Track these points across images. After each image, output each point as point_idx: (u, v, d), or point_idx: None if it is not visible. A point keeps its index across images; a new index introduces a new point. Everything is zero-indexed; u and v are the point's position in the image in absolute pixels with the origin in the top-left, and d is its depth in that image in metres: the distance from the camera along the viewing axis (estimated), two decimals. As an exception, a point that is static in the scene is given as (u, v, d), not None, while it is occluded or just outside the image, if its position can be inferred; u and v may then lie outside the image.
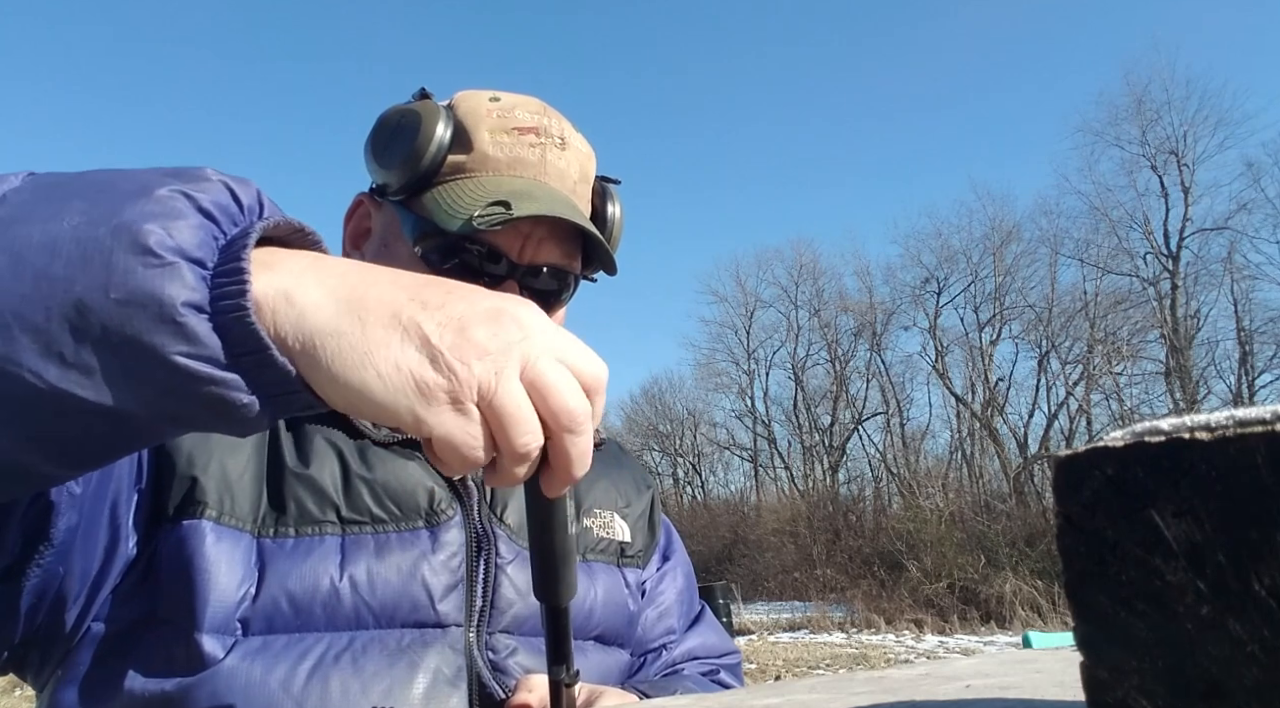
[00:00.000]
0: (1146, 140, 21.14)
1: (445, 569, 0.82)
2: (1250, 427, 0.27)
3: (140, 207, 0.44)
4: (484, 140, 0.88)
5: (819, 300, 26.83)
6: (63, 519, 0.64)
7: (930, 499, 19.62)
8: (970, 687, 0.54)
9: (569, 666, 0.63)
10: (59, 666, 0.73)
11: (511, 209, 0.81)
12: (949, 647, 12.60)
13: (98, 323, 0.42)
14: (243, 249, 0.45)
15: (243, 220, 0.47)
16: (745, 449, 28.54)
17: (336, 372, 0.44)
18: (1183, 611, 0.29)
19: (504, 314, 0.47)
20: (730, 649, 1.11)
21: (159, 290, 0.42)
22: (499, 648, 0.83)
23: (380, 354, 0.44)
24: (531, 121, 0.91)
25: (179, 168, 0.49)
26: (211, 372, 0.43)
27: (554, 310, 0.93)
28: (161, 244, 0.43)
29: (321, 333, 0.44)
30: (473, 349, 0.45)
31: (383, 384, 0.44)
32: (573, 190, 0.92)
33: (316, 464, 0.81)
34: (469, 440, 0.45)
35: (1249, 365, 19.98)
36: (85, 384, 0.42)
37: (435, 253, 0.86)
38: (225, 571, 0.73)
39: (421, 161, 0.87)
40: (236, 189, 0.48)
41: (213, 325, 0.43)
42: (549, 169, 0.90)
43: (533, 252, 0.88)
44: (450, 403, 0.44)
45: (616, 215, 1.02)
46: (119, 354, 0.42)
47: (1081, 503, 0.31)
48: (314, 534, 0.78)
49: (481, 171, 0.88)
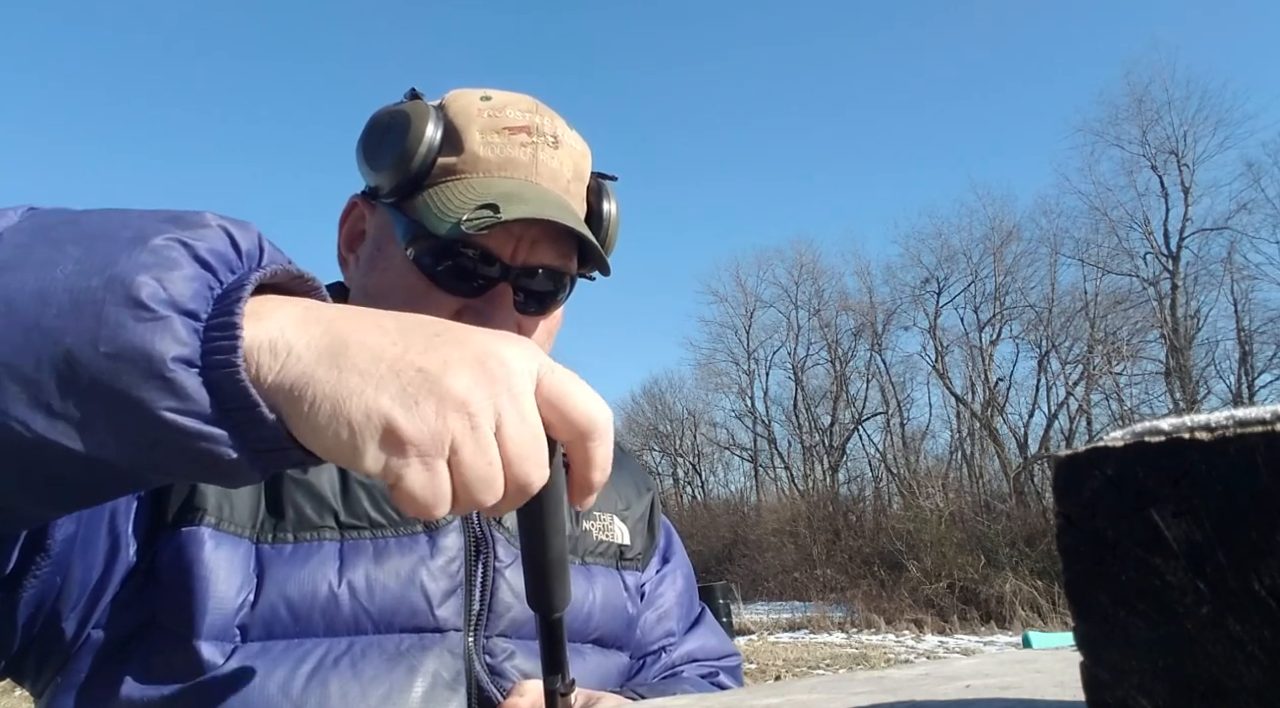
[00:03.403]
0: (1146, 140, 21.16)
1: (444, 574, 0.82)
2: (1250, 427, 0.27)
3: (135, 257, 0.43)
4: (475, 141, 0.87)
5: (819, 300, 26.85)
6: (60, 531, 0.64)
7: (930, 499, 19.62)
8: (970, 687, 0.54)
9: (564, 674, 0.63)
10: (57, 672, 0.73)
11: (500, 212, 0.80)
12: (949, 647, 12.60)
13: (86, 375, 0.41)
14: (236, 302, 0.44)
15: (240, 267, 0.47)
16: (745, 449, 28.57)
17: (313, 421, 0.43)
18: (1183, 611, 0.28)
19: (490, 359, 0.46)
20: (730, 652, 1.11)
21: (149, 345, 0.41)
22: (496, 652, 0.82)
23: (353, 402, 0.43)
24: (523, 120, 0.89)
25: (179, 212, 0.48)
26: (200, 427, 0.42)
27: (549, 311, 0.92)
28: (154, 296, 0.42)
29: (300, 383, 0.44)
30: (450, 399, 0.44)
31: (351, 432, 0.43)
32: (566, 189, 0.91)
33: (314, 469, 0.81)
34: (429, 497, 0.44)
35: (1249, 365, 19.98)
36: (72, 435, 0.42)
37: (427, 256, 0.85)
38: (224, 577, 0.73)
39: (411, 164, 0.86)
40: (236, 235, 0.47)
41: (203, 380, 0.42)
42: (541, 169, 0.89)
43: (526, 253, 0.87)
44: (418, 456, 0.43)
45: (612, 213, 1.00)
46: (107, 407, 0.42)
47: (1081, 503, 0.31)
48: (313, 540, 0.78)
49: (472, 173, 0.87)
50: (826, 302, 26.62)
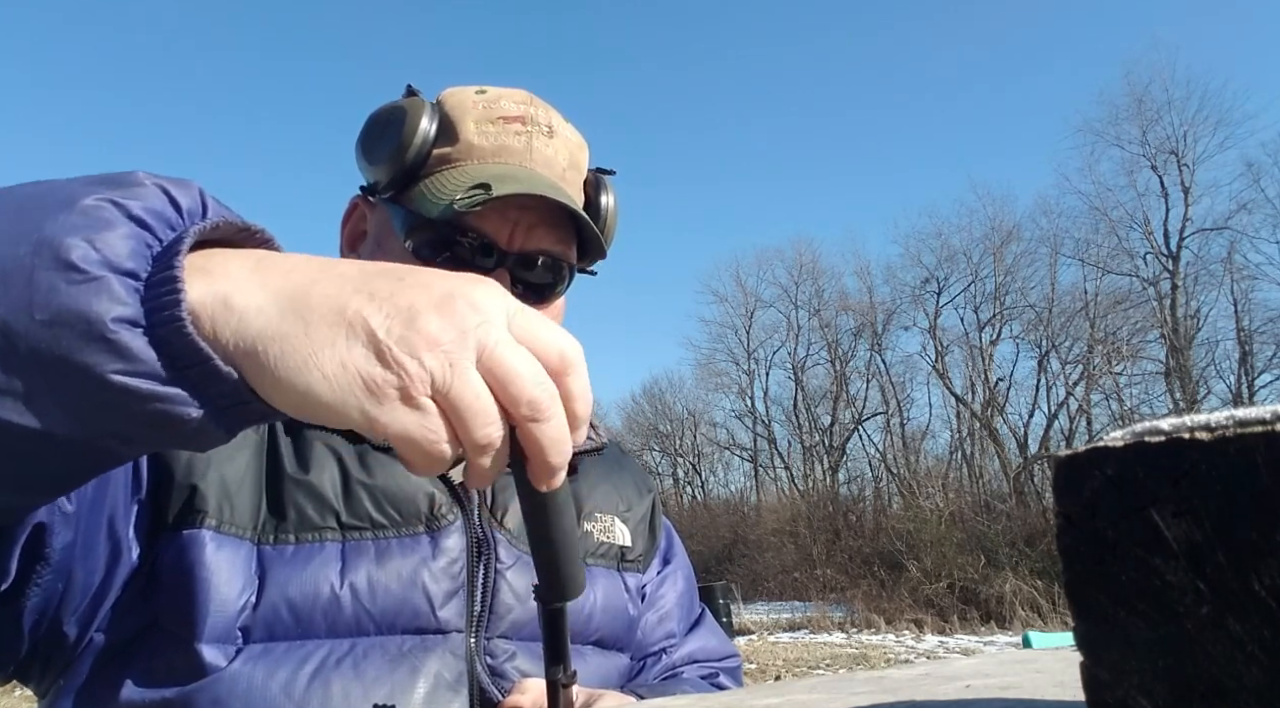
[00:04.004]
0: (1146, 140, 21.17)
1: (446, 575, 0.82)
2: (1250, 427, 0.27)
3: (64, 219, 0.42)
4: (469, 130, 0.88)
5: (819, 300, 26.89)
6: (58, 538, 0.63)
7: (930, 499, 19.62)
8: (970, 687, 0.54)
9: (566, 665, 0.63)
10: (60, 675, 0.73)
11: (491, 190, 0.80)
12: (949, 647, 12.60)
13: (24, 346, 0.40)
14: (175, 255, 0.42)
15: (181, 225, 0.45)
16: (745, 449, 28.58)
17: (281, 376, 0.42)
18: (1183, 611, 0.28)
19: (457, 299, 0.44)
20: (730, 652, 1.11)
21: (85, 307, 0.40)
22: (497, 653, 0.82)
23: (325, 354, 0.42)
24: (517, 111, 0.90)
25: (110, 174, 0.46)
26: (153, 387, 0.41)
27: (549, 302, 0.91)
28: (86, 258, 0.41)
29: (263, 337, 0.42)
30: (423, 340, 0.42)
31: (329, 385, 0.42)
32: (561, 176, 0.91)
33: (316, 470, 0.81)
34: (428, 435, 0.42)
35: (1249, 365, 19.99)
36: (22, 411, 0.41)
37: (426, 246, 0.86)
38: (226, 580, 0.73)
39: (407, 155, 0.86)
40: (174, 192, 0.45)
41: (149, 339, 0.41)
42: (535, 156, 0.89)
43: (523, 238, 0.87)
44: (402, 399, 0.42)
45: (610, 205, 0.99)
46: (50, 376, 0.40)
47: (1081, 503, 0.31)
48: (314, 541, 0.78)
49: (466, 161, 0.87)
50: (826, 302, 26.69)
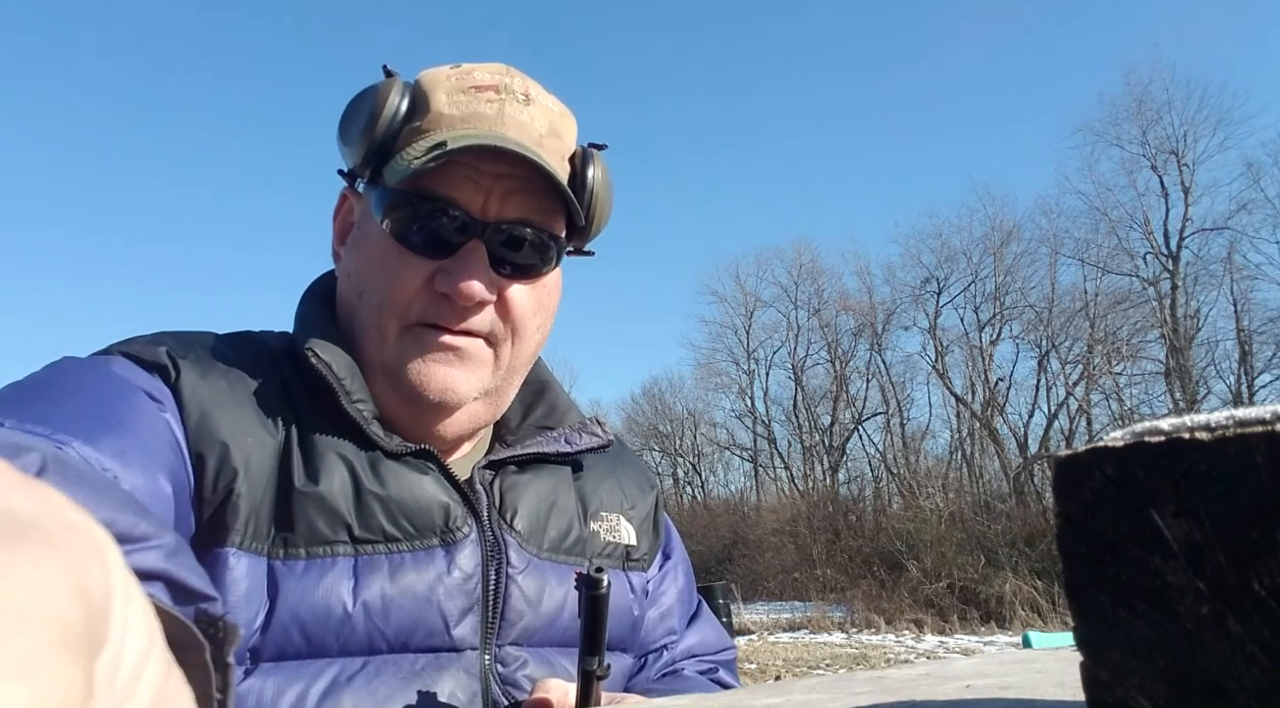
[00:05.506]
0: (1146, 140, 21.16)
1: (460, 592, 0.80)
2: (1250, 427, 0.27)
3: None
4: (440, 101, 0.86)
5: (819, 300, 26.86)
6: None
7: (930, 499, 19.62)
8: (970, 687, 0.54)
9: (601, 657, 0.63)
10: None
11: (447, 146, 0.79)
12: (949, 647, 12.60)
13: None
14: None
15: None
16: (745, 449, 28.57)
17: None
18: (1183, 611, 0.28)
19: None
20: (727, 644, 1.11)
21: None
22: (509, 661, 0.82)
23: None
24: (491, 80, 0.87)
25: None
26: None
27: (532, 276, 0.88)
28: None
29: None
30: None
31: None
32: (539, 142, 0.87)
33: (326, 480, 0.78)
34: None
35: (1249, 365, 19.98)
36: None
37: (401, 224, 0.84)
38: (243, 601, 0.72)
39: (376, 130, 0.85)
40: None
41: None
42: (507, 121, 0.85)
43: (498, 206, 0.84)
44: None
45: (598, 177, 0.92)
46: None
47: (1081, 503, 0.31)
48: (325, 555, 0.76)
49: (435, 130, 0.85)
50: (826, 302, 26.67)
